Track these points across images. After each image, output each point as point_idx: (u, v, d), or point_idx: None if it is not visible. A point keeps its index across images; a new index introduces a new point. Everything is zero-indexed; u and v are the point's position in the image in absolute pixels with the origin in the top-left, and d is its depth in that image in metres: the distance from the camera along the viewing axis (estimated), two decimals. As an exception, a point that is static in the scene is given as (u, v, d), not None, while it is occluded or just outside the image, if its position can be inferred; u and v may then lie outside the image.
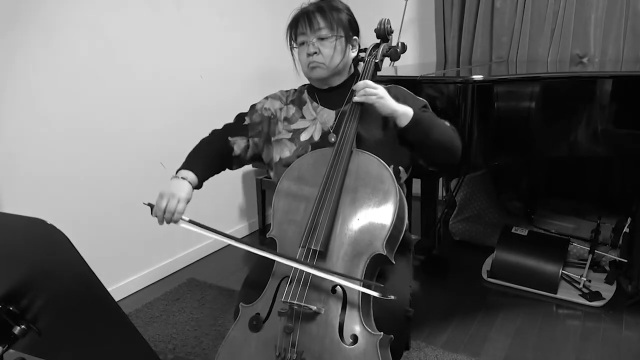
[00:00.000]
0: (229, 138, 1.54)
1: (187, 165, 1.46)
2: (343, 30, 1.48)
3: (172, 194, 1.35)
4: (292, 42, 1.52)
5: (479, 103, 1.92)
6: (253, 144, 1.56)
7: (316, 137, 1.49)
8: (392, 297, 1.17)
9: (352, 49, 1.53)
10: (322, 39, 1.46)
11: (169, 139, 2.55)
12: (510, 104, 1.98)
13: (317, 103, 1.54)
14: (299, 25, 1.48)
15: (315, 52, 1.46)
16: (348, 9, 1.53)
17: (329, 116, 1.51)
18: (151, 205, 1.37)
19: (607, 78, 2.00)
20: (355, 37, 1.53)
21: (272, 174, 1.57)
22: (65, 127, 2.13)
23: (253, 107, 1.60)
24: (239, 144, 1.55)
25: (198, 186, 1.44)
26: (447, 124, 1.49)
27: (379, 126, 1.46)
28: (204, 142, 1.56)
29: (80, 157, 2.20)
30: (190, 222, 1.33)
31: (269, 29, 3.05)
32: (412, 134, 1.40)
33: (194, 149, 1.53)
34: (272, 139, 1.54)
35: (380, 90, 1.38)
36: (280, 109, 1.57)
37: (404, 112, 1.39)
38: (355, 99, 1.39)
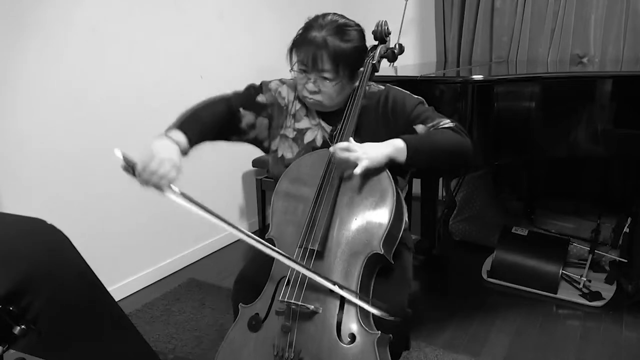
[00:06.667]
0: (241, 109, 1.44)
1: (180, 125, 1.29)
2: (349, 70, 1.37)
3: (164, 157, 1.19)
4: (291, 63, 1.40)
5: (478, 103, 1.92)
6: (259, 124, 1.47)
7: (318, 143, 1.46)
8: (389, 317, 1.17)
9: (355, 80, 1.43)
10: (324, 78, 1.36)
11: (169, 139, 2.56)
12: (510, 104, 1.98)
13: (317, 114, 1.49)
14: (303, 54, 1.35)
15: (316, 91, 1.38)
16: (359, 33, 1.40)
17: (327, 127, 1.48)
18: (128, 161, 1.19)
19: (607, 78, 2.01)
20: (361, 68, 1.43)
21: (269, 159, 1.52)
22: (65, 127, 2.13)
23: (266, 85, 1.50)
24: (247, 119, 1.45)
25: (185, 153, 1.27)
26: (447, 124, 1.38)
27: (380, 134, 1.43)
28: (208, 102, 1.40)
29: (80, 157, 2.20)
30: (182, 194, 1.17)
31: (269, 29, 3.06)
32: (417, 162, 1.31)
33: (194, 108, 1.37)
34: (280, 131, 1.48)
35: (359, 150, 1.25)
36: (293, 102, 1.50)
37: (396, 149, 1.28)
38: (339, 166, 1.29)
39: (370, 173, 1.29)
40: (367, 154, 1.25)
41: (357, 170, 1.22)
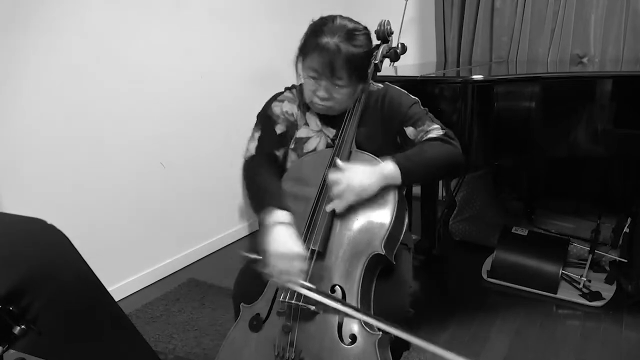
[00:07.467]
0: (276, 152, 1.46)
1: (270, 203, 1.28)
2: (361, 75, 1.38)
3: (292, 255, 1.19)
4: (299, 63, 1.38)
5: (479, 103, 1.92)
6: (286, 152, 1.48)
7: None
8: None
9: (364, 82, 1.43)
10: (337, 85, 1.35)
11: (169, 139, 2.56)
12: (510, 104, 1.99)
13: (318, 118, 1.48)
14: (315, 62, 1.33)
15: (327, 98, 1.37)
16: (367, 37, 1.39)
17: (329, 133, 1.48)
18: (251, 259, 1.25)
19: (607, 78, 2.01)
20: (368, 70, 1.43)
21: None
22: (65, 127, 2.13)
23: (272, 111, 1.49)
24: (282, 154, 1.47)
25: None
26: (435, 131, 1.38)
27: (377, 132, 1.44)
28: (257, 169, 1.42)
29: (80, 157, 2.20)
30: (314, 289, 1.19)
31: (269, 30, 3.05)
32: (410, 183, 1.32)
33: (259, 184, 1.38)
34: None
35: (350, 182, 1.25)
36: (297, 113, 1.49)
37: (389, 172, 1.28)
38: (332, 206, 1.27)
39: None
40: (361, 185, 1.25)
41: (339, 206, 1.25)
